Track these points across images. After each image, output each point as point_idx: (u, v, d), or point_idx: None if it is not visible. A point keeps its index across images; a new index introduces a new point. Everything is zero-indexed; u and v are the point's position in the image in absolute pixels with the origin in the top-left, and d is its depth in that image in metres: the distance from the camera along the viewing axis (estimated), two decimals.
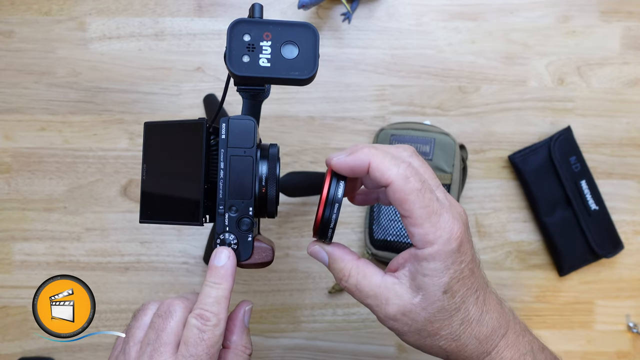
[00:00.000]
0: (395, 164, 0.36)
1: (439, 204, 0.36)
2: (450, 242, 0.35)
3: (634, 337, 0.77)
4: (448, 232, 0.35)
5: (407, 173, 0.35)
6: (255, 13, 0.42)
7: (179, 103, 0.75)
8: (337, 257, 0.40)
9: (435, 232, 0.35)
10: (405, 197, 0.35)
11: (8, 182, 0.75)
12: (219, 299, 0.38)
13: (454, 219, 0.36)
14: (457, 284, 0.36)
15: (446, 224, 0.36)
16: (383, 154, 0.36)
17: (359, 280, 0.38)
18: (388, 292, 0.37)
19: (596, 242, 0.74)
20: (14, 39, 0.75)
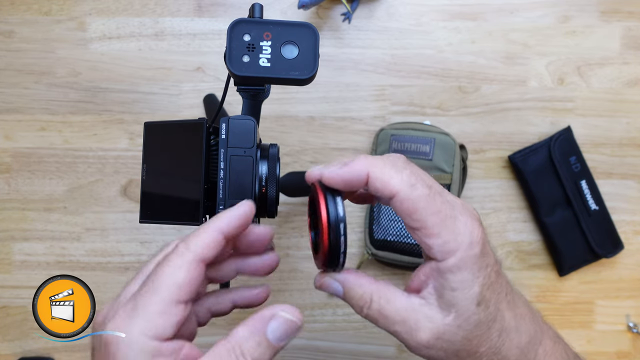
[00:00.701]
0: (397, 171, 0.32)
1: (451, 206, 0.32)
2: (473, 247, 0.31)
3: (634, 337, 0.77)
4: (469, 235, 0.31)
5: (411, 179, 0.32)
6: (255, 13, 0.42)
7: (179, 103, 0.75)
8: (353, 285, 0.34)
9: (455, 239, 0.31)
10: (414, 207, 0.31)
11: (8, 182, 0.75)
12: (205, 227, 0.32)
13: (472, 219, 0.33)
14: (488, 291, 0.32)
15: (465, 227, 0.32)
16: (382, 162, 0.33)
17: (382, 305, 0.33)
18: (417, 315, 0.32)
19: (596, 242, 0.74)
20: (14, 39, 0.75)
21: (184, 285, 0.29)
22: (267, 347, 0.30)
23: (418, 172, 0.33)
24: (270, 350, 0.30)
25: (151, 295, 0.29)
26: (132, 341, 0.28)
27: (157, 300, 0.29)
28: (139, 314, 0.28)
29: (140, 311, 0.28)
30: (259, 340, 0.30)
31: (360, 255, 0.74)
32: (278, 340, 0.30)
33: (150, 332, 0.28)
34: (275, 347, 0.30)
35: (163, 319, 0.28)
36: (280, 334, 0.31)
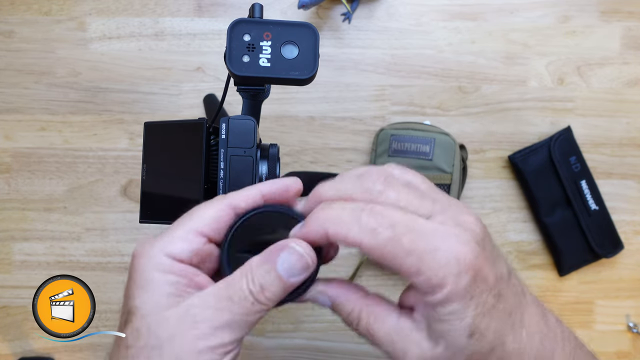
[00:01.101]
0: (353, 219, 0.28)
1: (426, 237, 0.28)
2: (461, 277, 0.28)
3: (634, 337, 0.77)
4: (454, 265, 0.28)
5: (370, 224, 0.28)
6: (255, 13, 0.42)
7: (179, 103, 0.75)
8: (341, 300, 0.32)
9: (438, 273, 0.28)
10: (382, 255, 0.28)
11: (8, 182, 0.75)
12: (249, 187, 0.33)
13: (458, 242, 0.28)
14: (485, 319, 0.29)
15: (448, 257, 0.28)
16: (338, 214, 0.29)
17: (370, 324, 0.31)
18: (405, 339, 0.30)
19: (596, 242, 0.74)
20: (14, 39, 0.75)
21: (208, 219, 0.31)
22: (275, 278, 0.30)
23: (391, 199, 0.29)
24: (278, 282, 0.30)
25: (177, 225, 0.32)
26: (150, 255, 0.30)
27: (180, 227, 0.31)
28: (162, 237, 0.31)
29: (164, 235, 0.31)
30: (269, 268, 0.30)
31: (360, 255, 0.74)
32: (286, 272, 0.30)
33: (167, 250, 0.30)
34: (283, 281, 0.30)
35: (181, 242, 0.31)
36: (288, 266, 0.30)
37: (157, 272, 0.30)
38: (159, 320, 0.29)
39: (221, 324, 0.29)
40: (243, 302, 0.29)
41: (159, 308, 0.29)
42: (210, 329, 0.29)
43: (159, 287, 0.30)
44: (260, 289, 0.29)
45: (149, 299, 0.30)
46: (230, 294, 0.30)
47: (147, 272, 0.30)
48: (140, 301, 0.30)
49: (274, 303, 0.30)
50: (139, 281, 0.30)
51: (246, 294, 0.29)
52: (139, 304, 0.30)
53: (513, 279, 0.32)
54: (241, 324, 0.30)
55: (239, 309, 0.29)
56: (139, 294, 0.30)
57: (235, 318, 0.29)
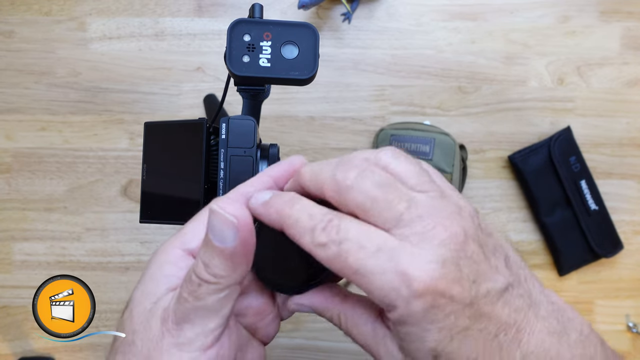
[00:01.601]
0: (308, 228, 0.27)
1: (381, 255, 0.25)
2: (411, 303, 0.25)
3: (634, 337, 0.77)
4: (404, 290, 0.25)
5: (321, 239, 0.26)
6: (255, 13, 0.42)
7: (179, 103, 0.75)
8: (322, 308, 0.31)
9: (387, 296, 0.25)
10: (332, 269, 0.27)
11: (8, 182, 0.75)
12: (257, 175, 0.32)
13: (413, 263, 0.25)
14: (453, 343, 0.26)
15: (394, 281, 0.25)
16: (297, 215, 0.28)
17: (349, 328, 0.31)
18: (379, 347, 0.29)
19: (596, 242, 0.74)
20: (15, 39, 0.75)
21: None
22: (212, 250, 0.27)
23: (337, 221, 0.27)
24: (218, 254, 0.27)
25: (193, 220, 0.31)
26: (163, 248, 0.30)
27: (194, 221, 0.31)
28: (179, 232, 0.30)
29: (182, 230, 0.31)
30: (206, 242, 0.27)
31: None
32: (217, 238, 0.26)
33: (178, 243, 0.30)
34: (218, 248, 0.26)
35: (191, 234, 0.30)
36: (217, 231, 0.26)
37: (161, 264, 0.29)
38: (140, 312, 0.28)
39: (181, 317, 0.27)
40: (190, 286, 0.27)
41: (149, 299, 0.28)
42: (174, 323, 0.27)
43: (156, 279, 0.29)
44: (203, 266, 0.27)
45: (145, 289, 0.29)
46: (184, 284, 0.27)
47: (154, 264, 0.29)
48: (137, 292, 0.29)
49: (223, 279, 0.27)
50: (145, 274, 0.29)
51: (192, 278, 0.27)
52: (134, 295, 0.29)
53: (515, 291, 0.28)
54: (199, 313, 0.27)
55: (189, 295, 0.27)
56: (140, 284, 0.29)
57: (189, 307, 0.27)
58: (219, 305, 0.27)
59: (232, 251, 0.26)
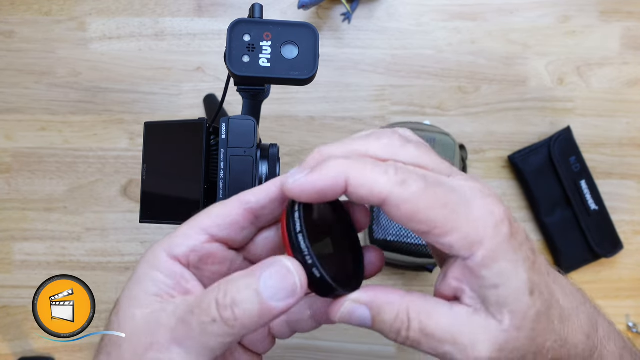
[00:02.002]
0: (381, 170, 0.25)
1: (458, 192, 0.26)
2: (499, 228, 0.25)
3: (634, 337, 0.77)
4: (490, 217, 0.25)
5: (399, 176, 0.25)
6: (255, 13, 0.42)
7: (179, 103, 0.75)
8: (383, 304, 0.26)
9: (476, 228, 0.25)
10: (412, 208, 0.25)
11: (8, 182, 0.75)
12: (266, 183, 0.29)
13: (487, 197, 0.26)
14: (535, 275, 0.26)
15: (483, 210, 0.25)
16: (361, 163, 0.25)
17: (423, 323, 0.26)
18: (468, 328, 0.26)
19: (596, 242, 0.74)
20: (15, 39, 0.75)
21: (214, 216, 0.28)
22: (254, 295, 0.24)
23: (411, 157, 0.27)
24: (257, 301, 0.24)
25: (185, 223, 0.29)
26: (151, 251, 0.28)
27: (185, 225, 0.29)
28: (168, 235, 0.29)
29: (171, 233, 0.29)
30: (248, 282, 0.24)
31: None
32: (268, 291, 0.24)
33: (165, 246, 0.28)
34: (263, 301, 0.24)
35: (180, 238, 0.28)
36: (272, 284, 0.24)
37: (149, 268, 0.28)
38: (127, 317, 0.27)
39: (177, 339, 0.25)
40: (202, 317, 0.25)
41: (135, 304, 0.27)
42: (166, 341, 0.25)
43: (144, 283, 0.28)
44: (230, 304, 0.24)
45: (130, 293, 0.28)
46: (194, 306, 0.25)
47: (141, 267, 0.28)
48: (123, 295, 0.28)
49: (241, 328, 0.24)
50: (133, 276, 0.28)
51: (210, 308, 0.24)
52: (121, 298, 0.28)
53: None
54: (198, 345, 0.25)
55: (197, 326, 0.25)
56: (127, 287, 0.28)
57: (191, 335, 0.25)
58: (220, 348, 0.25)
59: (272, 311, 0.24)
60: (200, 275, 0.28)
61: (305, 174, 0.25)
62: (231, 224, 0.28)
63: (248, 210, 0.28)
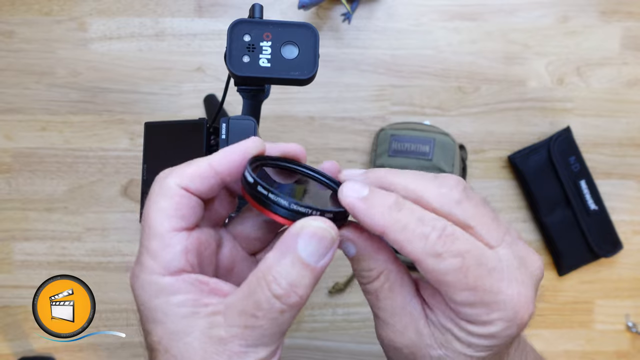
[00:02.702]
0: (421, 233, 0.25)
1: (494, 276, 0.26)
2: (510, 327, 0.26)
3: (633, 336, 0.77)
4: (511, 313, 0.26)
5: (437, 247, 0.25)
6: (256, 13, 0.42)
7: (179, 103, 0.75)
8: (370, 255, 0.28)
9: (489, 315, 0.26)
10: (440, 280, 0.26)
11: (9, 182, 0.75)
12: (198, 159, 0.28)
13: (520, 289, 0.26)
14: (493, 357, 0.28)
15: (509, 303, 0.26)
16: (405, 217, 0.26)
17: (382, 289, 0.29)
18: (408, 321, 0.28)
19: (595, 241, 0.74)
20: (15, 39, 0.75)
21: (170, 211, 0.26)
22: (303, 268, 0.25)
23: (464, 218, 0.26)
24: (308, 271, 0.25)
25: (148, 232, 0.27)
26: (143, 285, 0.26)
27: (153, 235, 0.26)
28: (146, 255, 0.27)
29: (145, 252, 0.27)
30: (292, 260, 0.25)
31: None
32: (312, 257, 0.25)
33: (157, 270, 0.26)
34: (313, 268, 0.25)
35: (165, 252, 0.26)
36: (313, 248, 0.25)
37: (161, 298, 0.26)
38: (183, 351, 0.26)
39: (253, 342, 0.25)
40: (270, 313, 0.25)
41: (179, 336, 0.26)
42: (241, 347, 0.25)
43: (170, 313, 0.26)
44: (290, 288, 0.24)
45: (164, 330, 0.26)
46: (253, 310, 0.25)
47: (151, 303, 0.26)
48: (157, 335, 0.26)
49: (305, 299, 0.25)
50: (147, 314, 0.26)
51: (272, 304, 0.25)
52: (157, 339, 0.26)
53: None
54: (275, 334, 0.26)
55: (268, 323, 0.25)
56: (154, 328, 0.26)
57: (266, 333, 0.25)
58: (292, 320, 0.26)
59: (323, 270, 0.25)
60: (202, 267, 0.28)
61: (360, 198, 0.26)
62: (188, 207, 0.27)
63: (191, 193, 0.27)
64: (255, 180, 0.26)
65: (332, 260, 0.25)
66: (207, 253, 0.28)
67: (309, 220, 0.25)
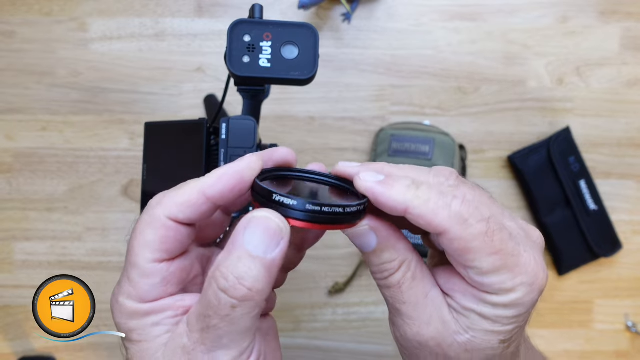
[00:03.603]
0: (444, 203, 0.25)
1: (514, 241, 0.26)
2: (532, 291, 0.27)
3: (633, 336, 0.77)
4: (532, 277, 0.26)
5: (463, 213, 0.25)
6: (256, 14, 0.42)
7: (179, 103, 0.75)
8: (391, 245, 0.28)
9: (514, 279, 0.26)
10: (467, 247, 0.25)
11: (9, 182, 0.75)
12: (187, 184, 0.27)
13: (538, 255, 0.27)
14: (517, 333, 0.28)
15: (529, 267, 0.26)
16: (426, 192, 0.26)
17: (405, 279, 0.28)
18: (433, 310, 0.28)
19: (595, 241, 0.74)
20: (15, 39, 0.75)
21: (154, 244, 0.26)
22: (250, 260, 0.23)
23: (473, 198, 0.26)
24: (257, 263, 0.23)
25: (130, 259, 0.27)
26: (119, 309, 0.28)
27: (134, 264, 0.27)
28: (126, 278, 0.28)
29: (126, 275, 0.28)
30: (239, 254, 0.24)
31: (360, 255, 0.74)
32: (258, 248, 0.24)
33: (134, 297, 0.27)
34: (261, 259, 0.23)
35: (142, 282, 0.27)
36: (259, 239, 0.24)
37: (135, 320, 0.27)
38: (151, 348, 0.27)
39: (212, 345, 0.25)
40: (220, 309, 0.24)
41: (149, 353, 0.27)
42: (203, 353, 0.25)
43: (145, 333, 0.27)
44: (236, 281, 0.23)
45: (139, 348, 0.27)
46: (206, 309, 0.24)
47: (127, 325, 0.28)
48: (130, 354, 0.28)
49: (260, 293, 0.24)
50: (124, 334, 0.28)
51: (219, 298, 0.24)
52: (130, 357, 0.28)
53: None
54: (232, 334, 0.24)
55: (221, 321, 0.24)
56: (130, 347, 0.28)
57: (221, 333, 0.24)
58: (254, 320, 0.25)
59: (275, 261, 0.24)
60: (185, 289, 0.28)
61: (377, 182, 0.26)
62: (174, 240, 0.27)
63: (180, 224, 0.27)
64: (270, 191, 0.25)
65: (284, 252, 0.24)
66: (191, 277, 0.28)
67: (254, 212, 0.24)
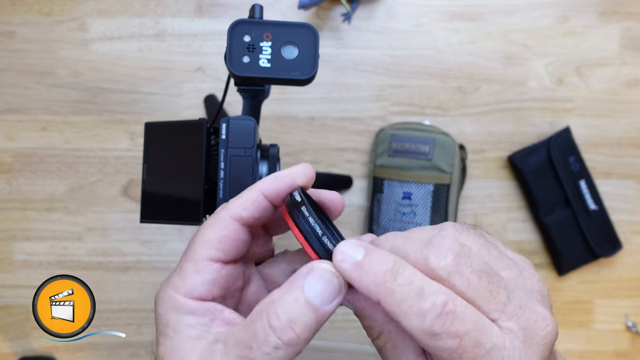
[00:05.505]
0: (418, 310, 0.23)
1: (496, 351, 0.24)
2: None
3: (633, 336, 0.77)
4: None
5: (434, 329, 0.23)
6: (256, 14, 0.42)
7: (179, 103, 0.75)
8: (367, 315, 0.28)
9: None
10: (433, 354, 0.25)
11: (9, 182, 0.75)
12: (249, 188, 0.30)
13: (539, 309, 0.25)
14: None
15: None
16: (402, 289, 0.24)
17: (386, 347, 0.28)
18: None
19: (595, 241, 0.74)
20: (15, 39, 0.75)
21: (213, 242, 0.28)
22: (306, 307, 0.24)
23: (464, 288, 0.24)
24: (310, 311, 0.24)
25: (187, 255, 0.29)
26: (165, 298, 0.28)
27: (190, 259, 0.28)
28: (175, 275, 0.28)
29: (177, 273, 0.29)
30: (296, 297, 0.24)
31: None
32: (317, 297, 0.24)
33: (180, 289, 0.28)
34: (316, 309, 0.24)
35: (194, 277, 0.28)
36: (319, 289, 0.24)
37: (175, 314, 0.27)
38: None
39: None
40: (264, 346, 0.24)
41: (181, 355, 0.27)
42: None
43: (179, 331, 0.27)
44: (288, 323, 0.24)
45: (171, 346, 0.27)
46: (249, 340, 0.25)
47: (165, 317, 0.28)
48: (163, 349, 0.28)
49: (304, 342, 0.24)
50: (160, 327, 0.28)
51: (267, 335, 0.24)
52: (162, 352, 0.28)
53: None
54: None
55: (261, 357, 0.24)
56: (162, 341, 0.28)
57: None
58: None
59: (327, 315, 0.25)
60: (224, 299, 0.29)
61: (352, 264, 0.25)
62: (232, 241, 0.28)
63: (242, 224, 0.29)
64: (302, 199, 0.27)
65: (335, 309, 0.25)
66: (233, 288, 0.30)
67: (319, 262, 0.26)
